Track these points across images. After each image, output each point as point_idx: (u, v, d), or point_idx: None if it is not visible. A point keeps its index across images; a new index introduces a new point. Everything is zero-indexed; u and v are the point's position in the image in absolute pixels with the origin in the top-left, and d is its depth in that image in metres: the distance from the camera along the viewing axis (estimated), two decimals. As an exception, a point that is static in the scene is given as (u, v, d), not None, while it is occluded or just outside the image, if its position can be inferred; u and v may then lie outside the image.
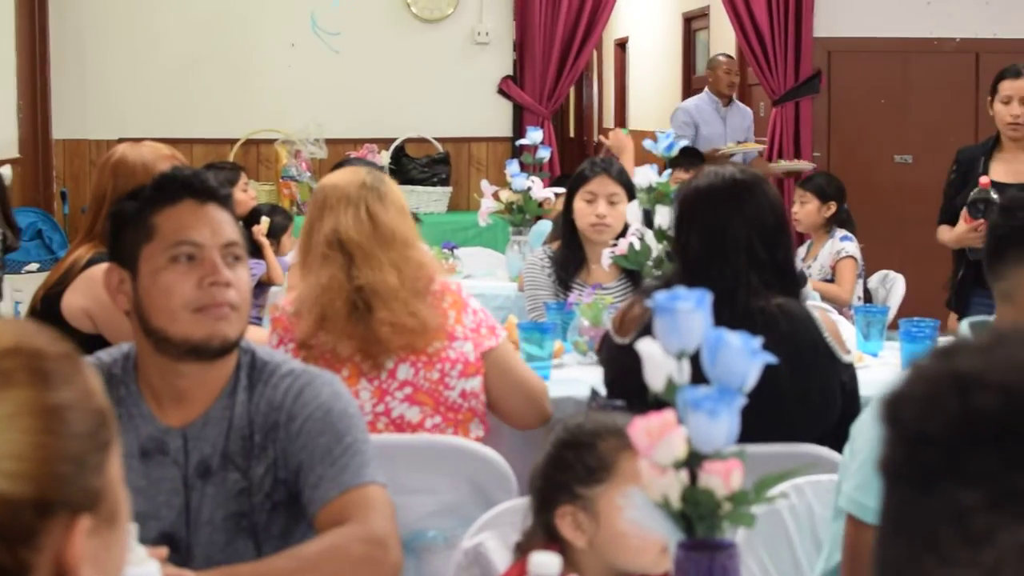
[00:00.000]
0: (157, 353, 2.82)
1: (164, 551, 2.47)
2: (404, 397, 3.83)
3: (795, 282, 3.71)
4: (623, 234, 5.26)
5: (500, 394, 3.92)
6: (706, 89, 10.86)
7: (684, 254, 3.71)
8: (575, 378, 4.47)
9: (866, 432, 2.82)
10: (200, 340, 2.78)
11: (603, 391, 3.78)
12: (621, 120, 17.74)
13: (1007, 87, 6.28)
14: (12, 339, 1.33)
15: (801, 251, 7.63)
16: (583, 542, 2.61)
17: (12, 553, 1.24)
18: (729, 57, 11.03)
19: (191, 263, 2.80)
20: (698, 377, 2.20)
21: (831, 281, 7.30)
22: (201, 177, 2.89)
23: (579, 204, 5.56)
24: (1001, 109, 6.29)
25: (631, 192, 5.44)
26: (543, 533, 2.67)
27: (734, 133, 10.61)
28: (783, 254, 3.66)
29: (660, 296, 2.19)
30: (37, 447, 1.26)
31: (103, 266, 4.06)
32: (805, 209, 7.57)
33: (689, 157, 8.59)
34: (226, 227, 2.86)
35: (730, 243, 3.58)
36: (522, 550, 2.70)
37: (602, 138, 4.15)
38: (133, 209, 2.85)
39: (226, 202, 2.90)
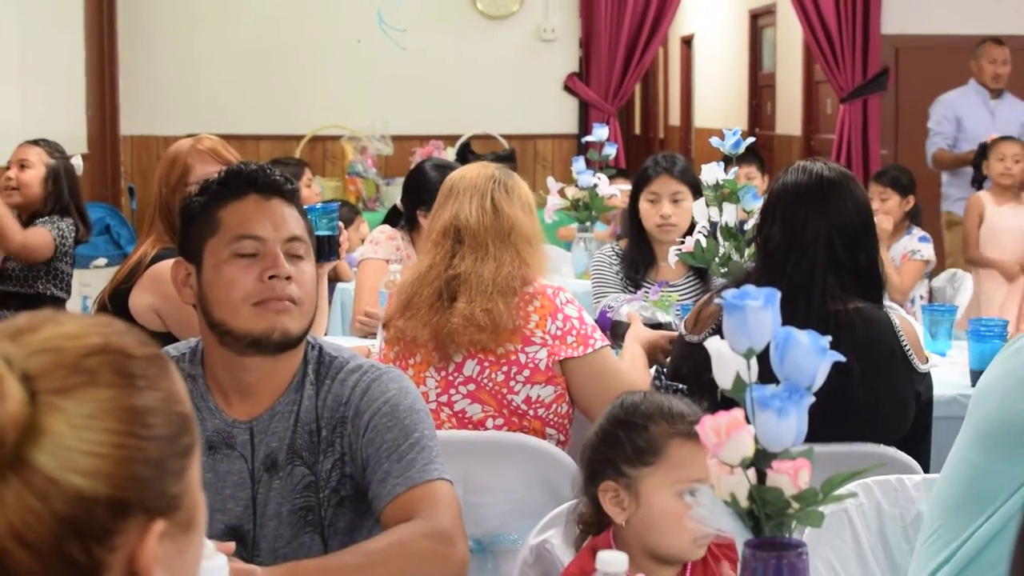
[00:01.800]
0: (221, 347, 2.83)
1: (232, 545, 2.48)
2: (467, 393, 3.84)
3: (877, 286, 3.65)
4: (690, 231, 5.24)
5: (592, 402, 3.83)
6: (971, 79, 9.83)
7: (764, 247, 3.70)
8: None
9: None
10: (260, 334, 2.79)
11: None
12: (687, 117, 17.70)
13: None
14: (101, 338, 1.33)
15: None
16: (622, 519, 2.64)
17: (87, 551, 1.25)
18: (997, 43, 9.75)
19: (253, 258, 2.81)
20: (767, 376, 2.19)
21: (893, 274, 7.24)
22: (267, 172, 2.90)
23: (644, 205, 5.58)
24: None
25: (696, 189, 5.43)
26: (590, 505, 2.70)
27: (1004, 128, 9.09)
28: (866, 257, 3.61)
29: (729, 294, 2.18)
30: (117, 447, 1.27)
31: (168, 263, 4.08)
32: (887, 205, 7.49)
33: (755, 155, 8.56)
34: (290, 222, 2.87)
35: (809, 239, 3.56)
36: (577, 523, 2.76)
37: None
38: (199, 204, 2.87)
39: (292, 197, 2.91)
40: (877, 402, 3.52)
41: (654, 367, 3.86)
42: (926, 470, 3.44)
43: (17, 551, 1.23)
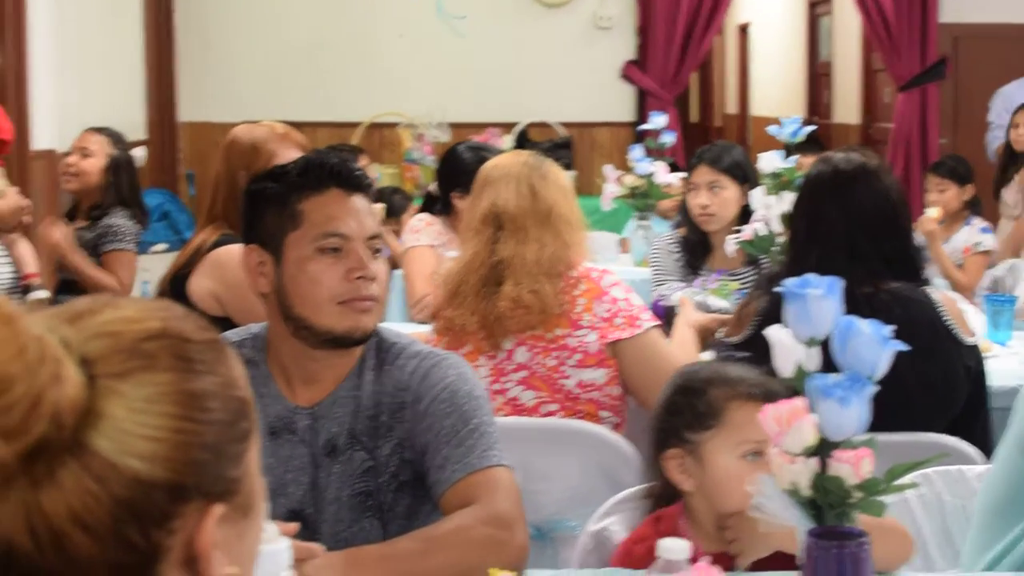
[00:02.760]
0: (294, 338, 2.85)
1: (295, 526, 2.49)
2: (519, 380, 3.85)
3: (911, 269, 3.64)
4: (746, 220, 5.23)
5: (641, 383, 3.85)
6: None
7: (792, 240, 3.72)
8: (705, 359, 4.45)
9: None
10: (343, 332, 2.81)
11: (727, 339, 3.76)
12: (744, 105, 17.65)
13: None
14: (159, 323, 1.33)
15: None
16: (689, 486, 2.67)
17: (145, 534, 1.25)
18: None
19: (337, 255, 2.81)
20: (828, 365, 2.19)
21: (959, 267, 7.19)
22: (349, 166, 2.90)
23: (688, 195, 5.59)
24: None
25: (740, 178, 5.43)
26: (658, 477, 2.71)
27: None
28: (892, 245, 3.59)
29: (790, 283, 2.19)
30: (175, 432, 1.27)
31: (229, 248, 4.12)
32: (945, 196, 7.43)
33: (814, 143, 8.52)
34: (370, 219, 2.88)
35: (828, 232, 3.57)
36: (648, 496, 2.80)
37: None
38: (276, 191, 2.86)
39: (369, 192, 2.92)
40: (927, 378, 3.50)
41: (714, 334, 3.87)
42: (985, 449, 3.42)
43: (76, 534, 1.23)
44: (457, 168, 5.77)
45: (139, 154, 6.75)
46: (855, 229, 3.55)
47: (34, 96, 6.73)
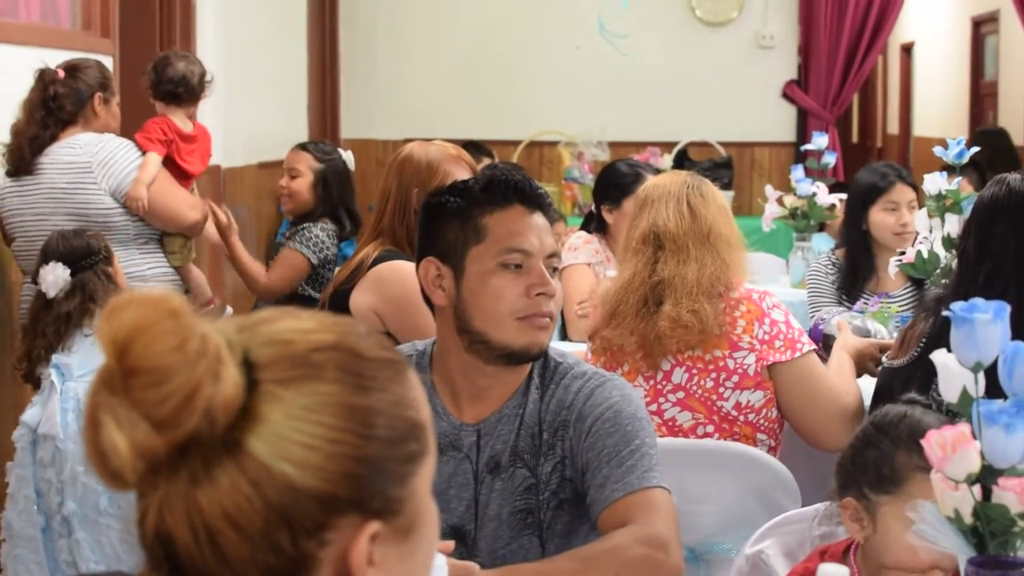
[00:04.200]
0: (467, 352, 2.87)
1: (451, 544, 2.51)
2: (676, 401, 3.84)
3: None
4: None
5: (796, 407, 3.84)
6: None
7: (961, 260, 3.66)
8: (861, 385, 4.39)
9: None
10: (520, 348, 2.84)
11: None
12: (906, 125, 17.44)
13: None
14: (333, 336, 1.35)
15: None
16: (860, 537, 2.62)
17: (294, 541, 1.27)
18: None
19: (518, 271, 2.84)
20: (994, 391, 2.16)
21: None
22: (532, 183, 2.93)
23: (879, 215, 5.55)
24: None
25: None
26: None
27: None
28: None
29: (957, 306, 2.16)
30: (332, 442, 1.29)
31: (392, 264, 4.15)
32: None
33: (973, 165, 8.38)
34: (549, 237, 2.90)
35: (1000, 253, 3.50)
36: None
37: None
38: (458, 206, 2.88)
39: (549, 211, 2.94)
40: None
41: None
42: None
43: (229, 532, 1.26)
44: (608, 182, 5.83)
45: (348, 157, 6.88)
46: None
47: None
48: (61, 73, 5.29)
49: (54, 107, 5.25)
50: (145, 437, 1.24)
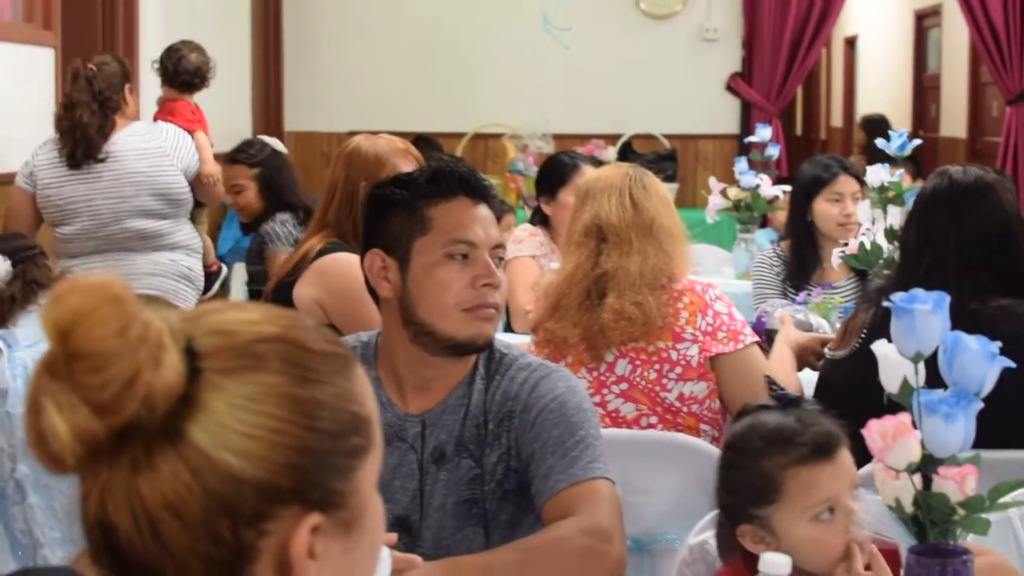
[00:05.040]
0: (412, 344, 2.87)
1: (393, 537, 2.51)
2: (620, 392, 3.85)
3: (1022, 286, 3.59)
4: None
5: (738, 399, 3.77)
6: None
7: (903, 251, 3.69)
8: (802, 378, 4.42)
9: None
10: (466, 339, 2.84)
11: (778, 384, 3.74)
12: (849, 118, 17.53)
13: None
14: (277, 329, 1.35)
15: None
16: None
17: (235, 531, 1.27)
18: None
19: (464, 262, 2.84)
20: (934, 381, 2.18)
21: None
22: (477, 175, 2.93)
23: (823, 205, 5.56)
24: None
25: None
26: (738, 547, 2.66)
27: None
28: (1005, 261, 3.55)
29: (898, 297, 2.17)
30: (275, 433, 1.28)
31: (336, 257, 4.14)
32: None
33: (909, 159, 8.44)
34: (495, 229, 2.90)
35: (941, 244, 3.53)
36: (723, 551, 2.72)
37: None
38: (403, 197, 2.88)
39: (494, 204, 2.94)
40: None
41: (765, 376, 3.83)
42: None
43: (169, 521, 1.26)
44: (545, 174, 5.88)
45: (275, 143, 6.94)
46: (967, 244, 3.52)
47: (145, 106, 6.91)
48: (96, 68, 5.83)
49: (103, 100, 5.82)
50: (85, 421, 1.24)
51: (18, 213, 5.90)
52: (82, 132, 5.76)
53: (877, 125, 11.11)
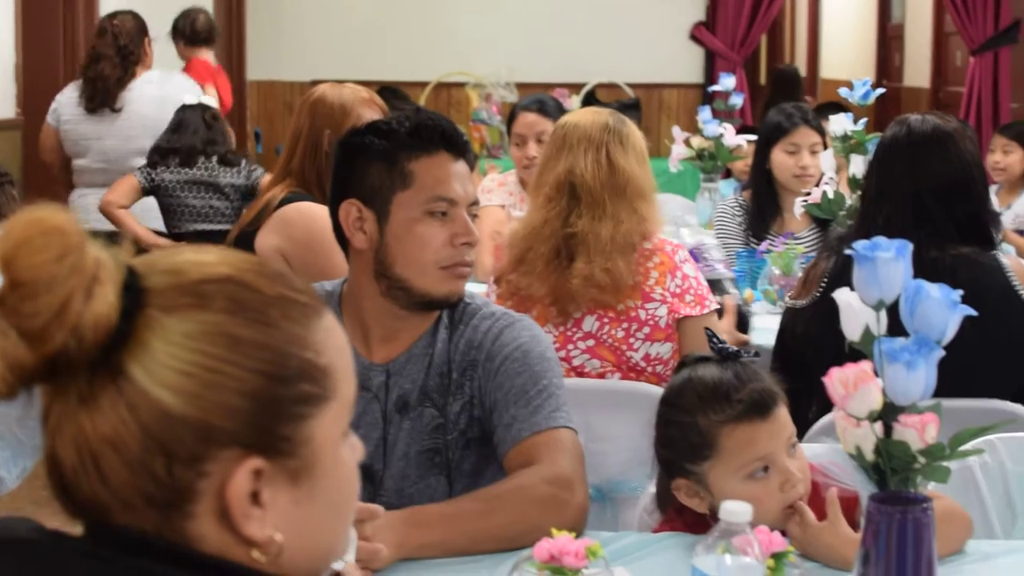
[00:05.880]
0: (383, 297, 2.85)
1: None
2: (586, 348, 3.84)
3: (982, 235, 3.59)
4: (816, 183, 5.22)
5: None
6: None
7: (862, 200, 3.70)
8: (765, 327, 4.43)
9: None
10: (441, 296, 2.84)
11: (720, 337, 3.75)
12: (813, 68, 17.53)
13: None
14: (230, 270, 1.35)
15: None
16: (704, 508, 2.60)
17: (170, 470, 1.27)
18: None
19: (444, 219, 2.83)
20: (895, 329, 2.18)
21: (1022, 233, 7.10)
22: (457, 130, 2.91)
23: (780, 156, 5.55)
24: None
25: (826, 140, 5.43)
26: (673, 500, 2.67)
27: None
28: (964, 210, 3.56)
29: (860, 245, 2.17)
30: (208, 370, 1.28)
31: (298, 206, 4.12)
32: (1010, 159, 7.36)
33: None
34: (471, 185, 2.89)
35: (898, 192, 3.54)
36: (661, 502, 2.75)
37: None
38: (383, 148, 2.84)
39: (471, 159, 2.92)
40: (993, 345, 3.47)
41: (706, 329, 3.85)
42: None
43: (109, 455, 1.27)
44: (510, 120, 5.88)
45: (205, 99, 6.93)
46: (925, 192, 3.52)
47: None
48: (119, 23, 6.74)
49: (125, 53, 6.71)
50: (14, 348, 1.25)
51: (46, 145, 6.93)
52: (103, 83, 6.69)
53: (787, 81, 11.14)
